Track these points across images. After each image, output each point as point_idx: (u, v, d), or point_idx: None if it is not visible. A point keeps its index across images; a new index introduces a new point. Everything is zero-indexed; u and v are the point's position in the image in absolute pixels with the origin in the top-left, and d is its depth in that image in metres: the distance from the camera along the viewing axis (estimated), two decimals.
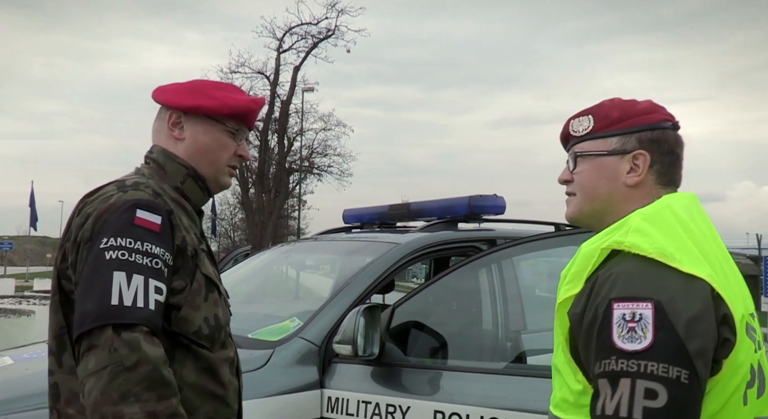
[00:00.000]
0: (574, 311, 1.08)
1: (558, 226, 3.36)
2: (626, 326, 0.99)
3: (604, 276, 1.05)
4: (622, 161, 1.19)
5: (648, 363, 0.97)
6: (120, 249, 1.23)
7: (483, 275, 2.84)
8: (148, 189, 1.34)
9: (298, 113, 26.81)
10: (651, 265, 1.03)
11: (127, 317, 1.19)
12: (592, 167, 1.21)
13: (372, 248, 2.92)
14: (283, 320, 2.70)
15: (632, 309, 1.00)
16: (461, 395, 2.12)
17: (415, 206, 3.51)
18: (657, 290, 1.00)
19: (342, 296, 2.57)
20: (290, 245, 4.25)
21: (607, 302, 1.02)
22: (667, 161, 1.19)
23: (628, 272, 1.03)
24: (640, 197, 1.18)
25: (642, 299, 1.00)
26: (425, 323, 2.56)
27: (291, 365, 2.30)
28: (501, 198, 3.25)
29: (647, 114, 1.21)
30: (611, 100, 1.25)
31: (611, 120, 1.21)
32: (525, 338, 2.77)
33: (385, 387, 2.26)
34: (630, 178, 1.18)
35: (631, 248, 1.05)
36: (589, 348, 1.04)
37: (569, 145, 1.28)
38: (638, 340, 0.98)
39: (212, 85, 1.51)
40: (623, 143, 1.19)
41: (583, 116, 1.25)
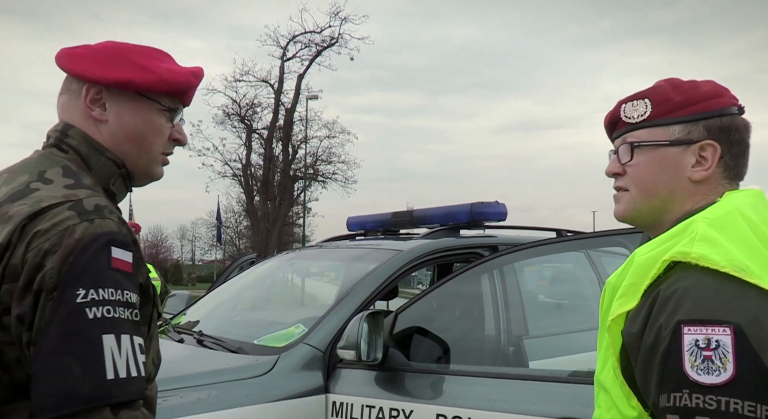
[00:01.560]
0: (630, 331, 0.94)
1: (559, 232, 3.40)
2: (701, 354, 0.85)
3: (668, 292, 0.91)
4: (686, 153, 1.04)
5: (730, 399, 0.82)
6: (104, 304, 0.97)
7: (485, 281, 2.88)
8: (113, 216, 1.06)
9: (303, 121, 26.93)
10: (725, 281, 0.88)
11: (126, 393, 0.97)
12: (651, 159, 1.06)
13: (375, 255, 2.97)
14: (288, 326, 2.74)
15: (707, 334, 0.85)
16: (463, 398, 2.15)
17: (418, 213, 3.56)
18: (735, 311, 0.86)
19: (346, 303, 2.61)
20: (295, 253, 4.30)
21: (675, 325, 0.87)
22: (736, 151, 1.05)
23: (697, 290, 0.89)
24: (705, 192, 1.04)
25: (718, 322, 0.85)
26: (428, 328, 2.59)
27: (296, 370, 2.34)
28: (502, 205, 3.30)
29: (713, 98, 1.05)
30: (668, 81, 1.09)
31: (673, 105, 1.05)
32: (527, 343, 2.80)
33: (389, 392, 2.29)
34: (696, 172, 1.04)
35: (699, 261, 0.90)
36: (648, 373, 0.91)
37: (619, 132, 1.11)
38: (716, 372, 0.83)
39: (136, 51, 1.20)
40: (688, 132, 1.04)
41: (638, 99, 1.08)
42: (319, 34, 25.72)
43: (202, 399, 2.13)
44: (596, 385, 1.07)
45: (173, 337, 2.95)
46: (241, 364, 2.37)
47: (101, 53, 1.18)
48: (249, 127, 26.88)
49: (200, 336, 2.79)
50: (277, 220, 26.19)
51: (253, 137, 27.20)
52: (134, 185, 1.24)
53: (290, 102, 26.55)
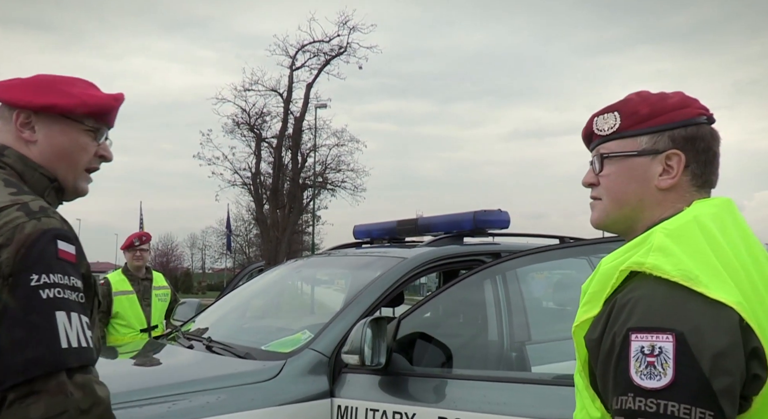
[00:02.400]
0: (591, 337, 1.00)
1: (562, 239, 3.45)
2: (645, 360, 0.90)
3: (623, 301, 0.96)
4: (653, 162, 1.08)
5: (668, 402, 0.87)
6: (55, 287, 1.15)
7: (487, 287, 2.92)
8: (56, 215, 1.24)
9: (312, 130, 27.07)
10: (674, 290, 0.93)
11: (79, 359, 1.14)
12: (621, 169, 1.11)
13: (381, 262, 3.02)
14: (295, 332, 2.80)
15: (651, 341, 0.90)
16: (465, 402, 2.19)
17: (423, 221, 3.62)
18: (679, 319, 0.90)
19: (351, 309, 2.66)
20: (303, 261, 4.37)
21: (625, 332, 0.93)
22: (703, 159, 1.08)
23: (648, 298, 0.93)
24: (673, 200, 1.08)
25: (662, 330, 0.90)
26: (431, 333, 2.63)
27: (302, 375, 2.39)
28: (505, 213, 3.35)
29: (680, 109, 1.09)
30: (638, 93, 1.14)
31: (640, 117, 1.10)
32: (529, 348, 2.85)
33: (392, 395, 2.33)
34: (663, 181, 1.08)
35: (652, 271, 0.95)
36: (606, 378, 0.96)
37: (593, 144, 1.16)
38: (657, 377, 0.89)
39: (63, 81, 1.38)
40: (654, 143, 1.08)
41: (608, 112, 1.13)
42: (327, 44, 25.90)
43: (211, 402, 2.20)
44: (575, 386, 1.15)
45: (183, 343, 3.02)
46: (249, 369, 2.43)
47: (31, 84, 1.35)
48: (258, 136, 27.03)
49: (209, 342, 2.86)
50: (287, 228, 26.28)
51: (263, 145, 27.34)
52: (64, 199, 1.41)
53: (299, 111, 26.70)
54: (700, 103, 1.13)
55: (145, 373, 2.85)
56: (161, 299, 4.99)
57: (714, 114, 1.13)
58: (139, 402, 2.15)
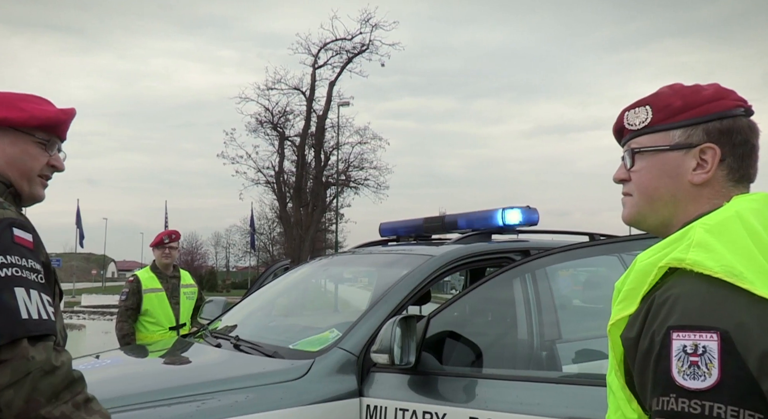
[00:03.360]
0: (628, 336, 0.97)
1: (592, 236, 3.39)
2: (687, 359, 0.86)
3: (662, 298, 0.92)
4: (687, 157, 1.04)
5: (714, 404, 0.83)
6: (12, 266, 1.29)
7: (517, 285, 2.89)
8: (12, 208, 1.40)
9: (334, 128, 27.19)
10: (717, 287, 0.89)
11: (39, 329, 1.28)
12: (653, 164, 1.07)
13: (407, 260, 3.00)
14: (323, 331, 2.79)
15: (694, 340, 0.87)
16: (495, 402, 2.16)
17: (450, 218, 3.59)
18: (724, 317, 0.87)
19: (379, 308, 2.64)
20: (328, 259, 4.36)
21: (666, 331, 0.89)
22: (740, 153, 1.04)
23: (689, 295, 0.90)
24: (709, 196, 1.04)
25: (706, 328, 0.86)
26: (460, 332, 2.61)
27: (330, 374, 2.38)
28: (534, 210, 3.30)
29: (715, 101, 1.05)
30: (671, 86, 1.10)
31: (673, 110, 1.06)
32: (560, 347, 2.80)
33: (422, 395, 2.31)
34: (697, 176, 1.04)
35: (693, 267, 0.91)
36: (644, 378, 0.93)
37: (624, 139, 1.13)
38: (702, 377, 0.85)
39: (18, 98, 1.53)
40: (688, 136, 1.04)
41: (640, 106, 1.10)
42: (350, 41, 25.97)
43: (239, 401, 2.20)
44: (607, 387, 1.11)
45: (211, 342, 3.03)
46: (277, 368, 2.43)
47: None
48: (281, 134, 27.21)
49: (237, 340, 2.87)
50: (310, 226, 26.42)
51: (286, 144, 27.54)
52: (22, 204, 1.54)
53: (322, 109, 26.85)
54: (736, 94, 1.08)
55: (173, 372, 2.87)
56: (189, 298, 5.05)
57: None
58: (168, 401, 2.16)
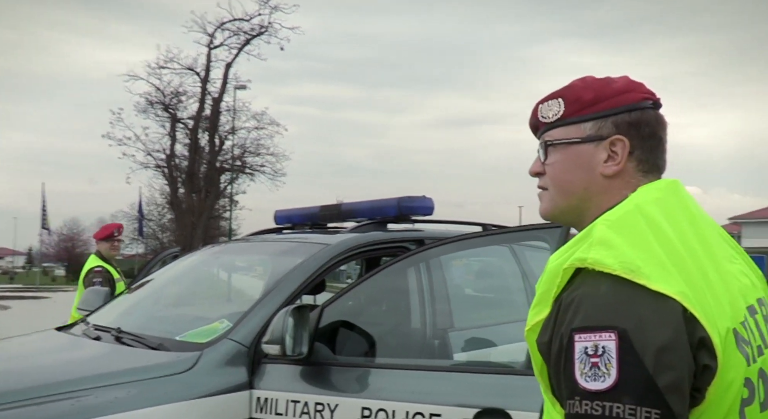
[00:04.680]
0: (542, 340, 0.96)
1: (485, 226, 3.50)
2: (588, 361, 0.87)
3: (568, 300, 0.92)
4: (598, 149, 1.05)
5: (613, 404, 0.84)
6: None
7: (411, 274, 2.92)
8: None
9: (230, 111, 26.38)
10: (617, 285, 0.89)
11: None
12: (566, 156, 1.07)
13: (302, 248, 2.95)
14: (212, 322, 2.71)
15: (594, 341, 0.87)
16: (388, 391, 2.18)
17: (346, 207, 3.57)
18: (623, 315, 0.87)
19: (272, 297, 2.59)
20: (220, 247, 4.23)
21: (569, 333, 0.89)
22: (649, 145, 1.05)
23: (591, 295, 0.90)
24: (619, 187, 1.04)
25: (605, 328, 0.86)
26: (354, 322, 2.61)
27: (219, 366, 2.31)
28: (429, 199, 3.36)
29: (624, 94, 1.06)
30: (583, 79, 1.11)
31: (584, 103, 1.06)
32: (452, 335, 2.88)
33: (314, 386, 2.30)
34: (608, 167, 1.04)
35: (595, 266, 0.91)
36: (559, 382, 0.93)
37: (539, 133, 1.12)
38: (602, 378, 0.85)
39: None
40: (598, 129, 1.05)
41: (552, 99, 1.10)
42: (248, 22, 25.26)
43: (119, 398, 2.08)
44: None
45: (90, 334, 2.84)
46: (162, 361, 2.32)
47: None
48: (173, 116, 26.07)
49: (119, 333, 2.71)
50: (203, 213, 25.58)
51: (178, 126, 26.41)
52: None
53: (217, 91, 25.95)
54: (645, 87, 1.10)
55: (45, 368, 2.66)
56: None
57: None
58: (38, 399, 2.00)
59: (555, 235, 2.28)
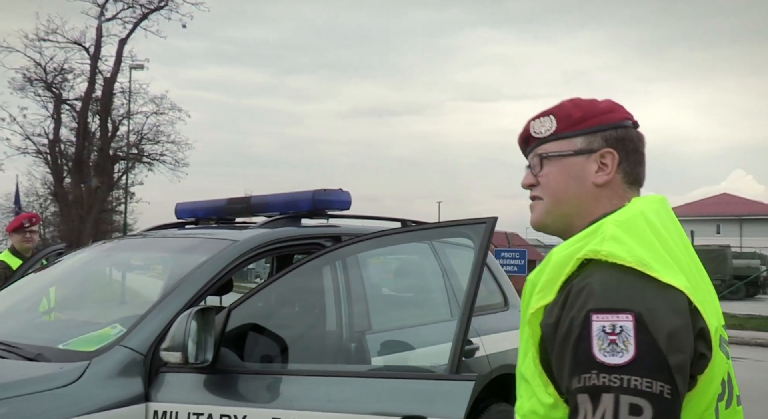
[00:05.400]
0: (548, 322, 1.09)
1: (404, 222, 3.52)
2: (607, 339, 1.00)
3: (579, 286, 1.06)
4: (589, 161, 1.22)
5: (631, 377, 0.98)
6: None
7: (326, 273, 2.90)
8: None
9: (125, 93, 25.25)
10: (629, 275, 1.05)
11: None
12: (560, 168, 1.24)
13: (207, 245, 2.88)
14: (103, 327, 2.59)
15: (612, 321, 1.01)
16: (301, 400, 2.16)
17: (256, 200, 3.50)
18: (637, 301, 1.02)
19: (172, 299, 2.50)
20: (113, 243, 4.04)
21: (585, 314, 1.03)
22: (633, 159, 1.24)
23: (605, 282, 1.04)
24: (608, 196, 1.21)
25: (622, 310, 1.01)
26: (264, 325, 2.57)
27: (111, 377, 2.21)
28: (346, 193, 3.33)
29: (609, 113, 1.25)
30: (571, 100, 1.29)
31: (574, 120, 1.24)
32: (369, 338, 2.87)
33: (219, 396, 2.24)
34: (599, 177, 1.21)
35: (608, 257, 1.06)
36: (562, 360, 1.05)
37: (530, 147, 1.29)
38: (620, 353, 0.99)
39: None
40: (589, 142, 1.23)
41: (545, 116, 1.28)
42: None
43: None
44: (518, 377, 1.21)
45: None
46: (41, 373, 2.18)
47: None
48: (58, 96, 24.70)
49: None
50: (94, 205, 24.40)
51: (64, 108, 25.07)
52: None
53: (110, 70, 24.78)
54: (625, 109, 1.29)
55: None
56: None
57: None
58: None
59: (479, 231, 2.31)
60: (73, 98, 25.12)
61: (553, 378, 1.09)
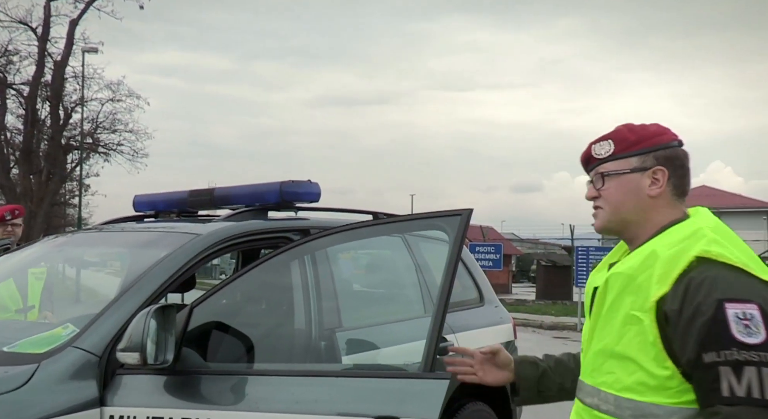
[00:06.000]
0: (671, 308, 1.39)
1: (376, 215, 3.51)
2: (741, 323, 1.33)
3: (700, 279, 1.38)
4: (643, 177, 1.55)
5: (766, 353, 1.32)
6: None
7: (295, 269, 2.88)
8: None
9: (78, 78, 24.73)
10: (738, 273, 1.39)
11: None
12: (618, 184, 1.57)
13: (168, 239, 2.85)
14: (54, 327, 2.55)
15: (743, 309, 1.34)
16: (268, 402, 2.15)
17: (220, 192, 3.46)
18: (754, 294, 1.37)
19: (129, 296, 2.47)
20: (66, 238, 3.96)
21: (716, 302, 1.35)
22: (680, 174, 1.56)
23: (724, 278, 1.38)
24: (662, 206, 1.55)
25: (748, 301, 1.35)
26: (229, 323, 2.55)
27: (62, 381, 2.17)
28: (315, 184, 3.32)
29: (659, 136, 1.58)
30: (625, 125, 1.62)
31: (629, 143, 1.57)
32: (340, 336, 2.86)
33: (181, 399, 2.22)
34: (653, 190, 1.54)
35: (718, 257, 1.40)
36: (687, 338, 1.36)
37: (592, 166, 1.63)
38: (755, 335, 1.32)
39: None
40: (643, 162, 1.55)
41: (603, 140, 1.61)
42: None
43: None
44: (603, 356, 1.51)
45: None
46: None
47: None
48: (2, 80, 24.07)
49: None
50: (44, 198, 23.91)
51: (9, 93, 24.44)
52: None
53: (60, 53, 24.21)
54: (672, 131, 1.61)
55: None
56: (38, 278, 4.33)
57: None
58: None
59: (454, 223, 2.31)
60: (19, 83, 24.51)
61: (672, 353, 1.40)
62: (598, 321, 1.54)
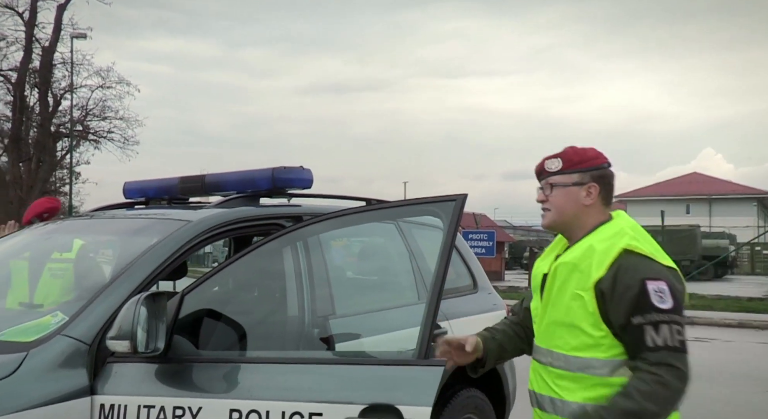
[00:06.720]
0: (606, 286, 1.86)
1: (369, 201, 3.48)
2: (657, 295, 1.82)
3: (626, 265, 1.87)
4: (581, 190, 2.01)
5: (675, 315, 1.83)
6: None
7: (287, 255, 2.85)
8: None
9: (66, 65, 24.50)
10: (650, 260, 1.89)
11: None
12: (562, 193, 2.02)
13: (159, 226, 2.82)
14: (43, 315, 2.52)
15: (658, 285, 1.84)
16: (260, 389, 2.13)
17: (211, 178, 3.43)
18: (662, 275, 1.87)
19: (120, 284, 2.45)
20: (55, 225, 3.91)
21: (641, 281, 1.83)
22: (608, 188, 2.04)
23: (643, 263, 1.87)
24: (593, 212, 2.02)
25: (660, 279, 1.85)
26: (221, 311, 2.53)
27: (51, 370, 2.14)
28: (308, 170, 3.28)
29: (595, 159, 2.05)
30: (571, 148, 2.08)
31: (573, 162, 2.03)
32: (333, 323, 2.84)
33: (172, 387, 2.20)
34: (587, 200, 2.01)
35: (636, 250, 1.89)
36: (619, 307, 1.84)
37: (543, 177, 2.07)
38: (666, 302, 1.82)
39: None
40: (581, 178, 2.02)
41: (555, 158, 2.06)
42: None
43: None
44: (554, 325, 1.98)
45: None
46: None
47: None
48: None
49: None
50: (34, 186, 23.75)
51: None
52: None
53: (48, 39, 23.97)
54: (604, 156, 2.08)
55: None
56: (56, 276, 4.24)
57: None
58: None
59: (448, 209, 2.30)
60: (7, 69, 24.30)
61: (606, 320, 1.87)
62: (550, 299, 2.00)
